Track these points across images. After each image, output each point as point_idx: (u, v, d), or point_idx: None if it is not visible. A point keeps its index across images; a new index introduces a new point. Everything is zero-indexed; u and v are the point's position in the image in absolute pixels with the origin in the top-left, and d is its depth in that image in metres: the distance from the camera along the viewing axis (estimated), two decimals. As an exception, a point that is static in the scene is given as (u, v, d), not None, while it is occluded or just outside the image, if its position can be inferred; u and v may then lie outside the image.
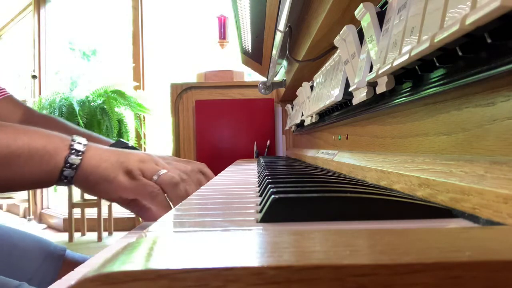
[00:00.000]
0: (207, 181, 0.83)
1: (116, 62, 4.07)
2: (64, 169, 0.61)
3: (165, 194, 0.65)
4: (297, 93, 1.43)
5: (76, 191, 3.25)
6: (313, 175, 0.68)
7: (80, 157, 0.62)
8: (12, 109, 0.96)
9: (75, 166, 0.62)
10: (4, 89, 0.96)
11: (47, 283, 0.75)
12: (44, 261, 0.79)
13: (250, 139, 2.12)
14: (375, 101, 0.61)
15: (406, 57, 0.42)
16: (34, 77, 3.97)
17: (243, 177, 0.90)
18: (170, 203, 0.66)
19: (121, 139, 0.96)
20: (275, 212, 0.37)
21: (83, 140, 0.64)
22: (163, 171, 0.65)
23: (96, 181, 0.63)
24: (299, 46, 1.27)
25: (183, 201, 0.55)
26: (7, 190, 0.63)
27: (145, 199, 0.64)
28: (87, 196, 3.29)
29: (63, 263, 0.81)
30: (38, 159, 0.60)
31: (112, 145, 0.91)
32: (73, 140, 0.63)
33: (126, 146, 0.92)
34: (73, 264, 0.82)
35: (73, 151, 0.62)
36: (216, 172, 1.09)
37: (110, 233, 3.39)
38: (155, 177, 0.64)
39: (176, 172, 0.67)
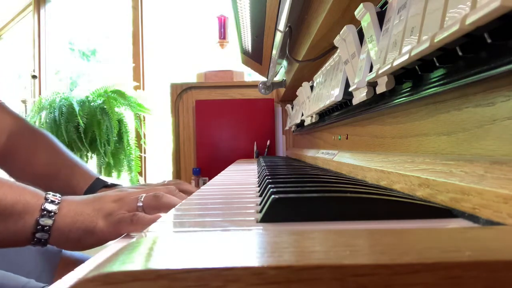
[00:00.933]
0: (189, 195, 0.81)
1: (116, 62, 4.07)
2: (36, 231, 0.58)
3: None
4: (297, 93, 1.43)
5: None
6: (313, 175, 0.67)
7: (52, 218, 0.59)
8: (2, 117, 0.92)
9: (47, 227, 0.58)
10: None
11: (45, 279, 0.75)
12: (41, 258, 0.79)
13: (250, 139, 2.11)
14: (375, 101, 0.61)
15: (406, 57, 0.42)
16: (34, 77, 3.97)
17: (243, 177, 0.90)
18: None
19: (100, 177, 0.92)
20: (275, 212, 0.37)
21: (56, 198, 0.60)
22: (143, 195, 0.63)
23: (78, 237, 0.60)
24: (299, 46, 1.27)
25: (183, 201, 0.55)
26: None
27: (131, 230, 0.61)
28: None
29: (61, 260, 0.81)
30: (5, 218, 0.57)
31: (92, 184, 0.88)
32: (45, 199, 0.60)
33: (105, 184, 0.89)
34: (71, 261, 0.81)
35: (45, 212, 0.59)
36: (216, 172, 1.09)
37: (110, 233, 3.39)
38: (139, 204, 0.62)
39: (156, 190, 0.66)
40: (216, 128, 2.14)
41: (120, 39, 3.95)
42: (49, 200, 0.60)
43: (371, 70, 0.56)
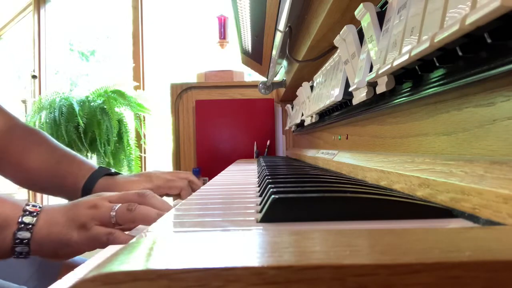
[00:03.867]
0: (196, 187, 0.80)
1: (116, 62, 4.07)
2: (16, 245, 0.56)
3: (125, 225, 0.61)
4: (297, 93, 1.43)
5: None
6: (313, 175, 0.67)
7: (30, 231, 0.57)
8: None
9: (26, 240, 0.56)
10: None
11: (45, 285, 0.74)
12: (40, 265, 0.79)
13: (250, 139, 2.11)
14: (375, 101, 0.61)
15: (406, 57, 0.42)
16: (34, 77, 3.96)
17: (243, 177, 0.90)
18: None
19: (102, 166, 0.92)
20: (275, 212, 0.37)
21: (36, 209, 0.58)
22: (117, 205, 0.61)
23: (53, 249, 0.58)
24: (299, 46, 1.26)
25: (183, 201, 0.55)
26: None
27: (105, 245, 0.59)
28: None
29: (62, 266, 0.80)
30: None
31: (94, 173, 0.88)
32: (24, 211, 0.58)
33: (108, 172, 0.89)
34: (73, 267, 0.81)
35: (22, 225, 0.56)
36: (216, 172, 1.09)
37: (110, 233, 3.39)
38: (112, 213, 0.60)
39: (128, 199, 0.64)
40: (216, 128, 2.14)
41: (120, 39, 3.95)
42: (27, 212, 0.58)
43: (371, 70, 0.56)
